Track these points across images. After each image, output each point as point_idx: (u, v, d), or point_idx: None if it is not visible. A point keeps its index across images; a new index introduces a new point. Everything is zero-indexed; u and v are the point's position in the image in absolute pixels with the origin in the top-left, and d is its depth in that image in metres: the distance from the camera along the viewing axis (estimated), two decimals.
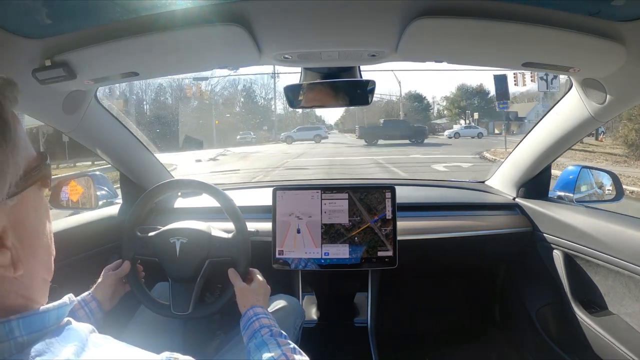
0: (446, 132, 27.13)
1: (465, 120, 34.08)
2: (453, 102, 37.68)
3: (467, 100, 36.49)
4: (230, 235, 0.91)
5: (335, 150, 16.93)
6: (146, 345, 0.39)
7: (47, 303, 0.37)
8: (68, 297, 0.39)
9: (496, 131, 27.19)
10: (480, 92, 36.45)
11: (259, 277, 0.88)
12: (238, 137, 28.51)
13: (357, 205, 1.18)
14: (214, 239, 0.90)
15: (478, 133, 25.19)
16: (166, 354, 0.41)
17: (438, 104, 42.85)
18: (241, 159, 14.31)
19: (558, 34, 0.68)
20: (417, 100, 39.93)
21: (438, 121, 38.37)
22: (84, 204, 1.38)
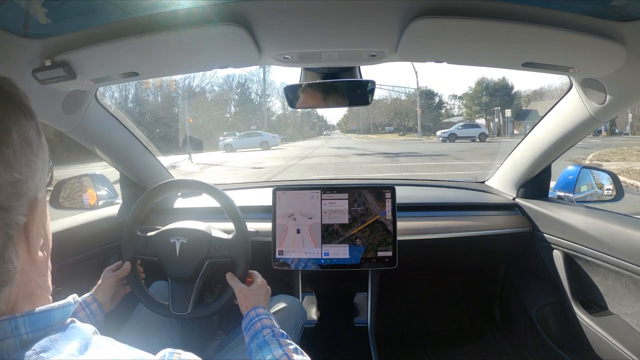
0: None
1: (486, 118, 31.87)
2: (473, 99, 35.10)
3: (489, 96, 33.73)
4: (230, 236, 0.91)
5: (338, 160, 12.05)
6: (143, 345, 0.40)
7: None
8: (72, 297, 0.40)
9: (515, 132, 24.91)
10: (503, 86, 33.88)
11: (259, 278, 0.88)
12: (221, 138, 23.79)
13: (357, 206, 1.18)
14: (214, 239, 0.90)
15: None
16: (168, 350, 0.41)
17: (446, 103, 41.34)
18: (190, 174, 10.06)
19: (558, 34, 0.68)
20: (428, 97, 37.70)
21: (453, 119, 35.59)
22: (84, 204, 1.38)
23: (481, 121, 31.73)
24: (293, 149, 18.71)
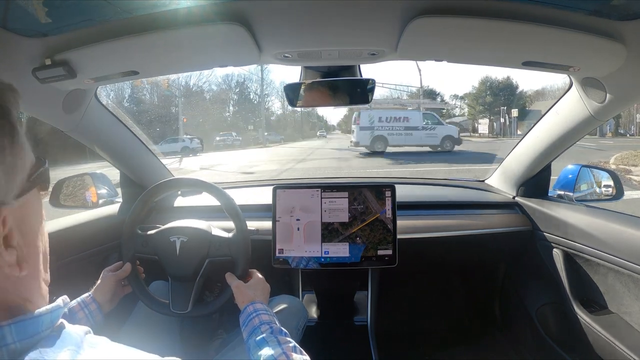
0: None
1: (489, 118, 30.81)
2: (476, 98, 34.00)
3: (493, 96, 32.42)
4: (230, 235, 0.91)
5: (339, 164, 10.62)
6: (143, 345, 0.39)
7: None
8: (62, 300, 0.39)
9: (519, 132, 23.69)
10: (507, 86, 32.75)
11: (258, 274, 0.88)
12: (217, 138, 23.31)
13: (357, 204, 1.18)
14: (214, 238, 0.90)
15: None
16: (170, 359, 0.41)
17: (447, 103, 40.56)
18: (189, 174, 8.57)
19: (558, 33, 0.68)
20: (430, 96, 36.33)
21: (456, 119, 34.38)
22: (84, 203, 1.38)
23: (484, 121, 31.23)
24: (290, 150, 17.42)
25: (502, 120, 26.46)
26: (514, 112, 24.15)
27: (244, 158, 14.43)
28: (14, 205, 0.33)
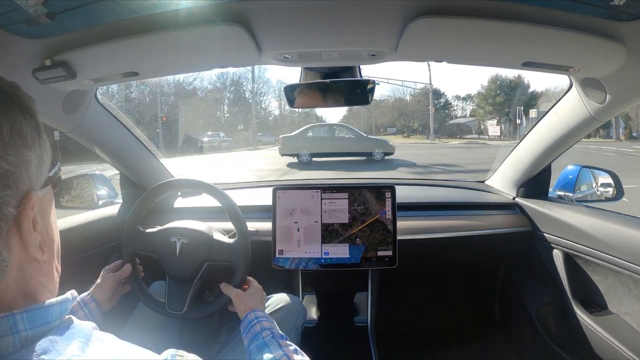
0: None
1: (499, 119, 29.66)
2: (486, 98, 32.45)
3: (504, 95, 30.79)
4: (231, 240, 0.91)
5: (338, 176, 7.30)
6: (143, 345, 0.40)
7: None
8: (70, 293, 0.40)
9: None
10: (518, 85, 31.03)
11: (255, 283, 0.89)
12: (205, 139, 21.12)
13: (357, 205, 1.18)
14: (215, 242, 0.90)
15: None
16: (171, 351, 0.41)
17: (449, 104, 40.02)
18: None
19: (558, 34, 0.68)
20: (434, 96, 35.84)
21: (462, 120, 33.63)
22: (84, 204, 1.38)
23: (493, 122, 30.21)
24: (281, 154, 13.05)
25: (518, 121, 24.82)
26: (532, 113, 22.63)
27: (220, 164, 12.18)
28: (39, 195, 0.37)
